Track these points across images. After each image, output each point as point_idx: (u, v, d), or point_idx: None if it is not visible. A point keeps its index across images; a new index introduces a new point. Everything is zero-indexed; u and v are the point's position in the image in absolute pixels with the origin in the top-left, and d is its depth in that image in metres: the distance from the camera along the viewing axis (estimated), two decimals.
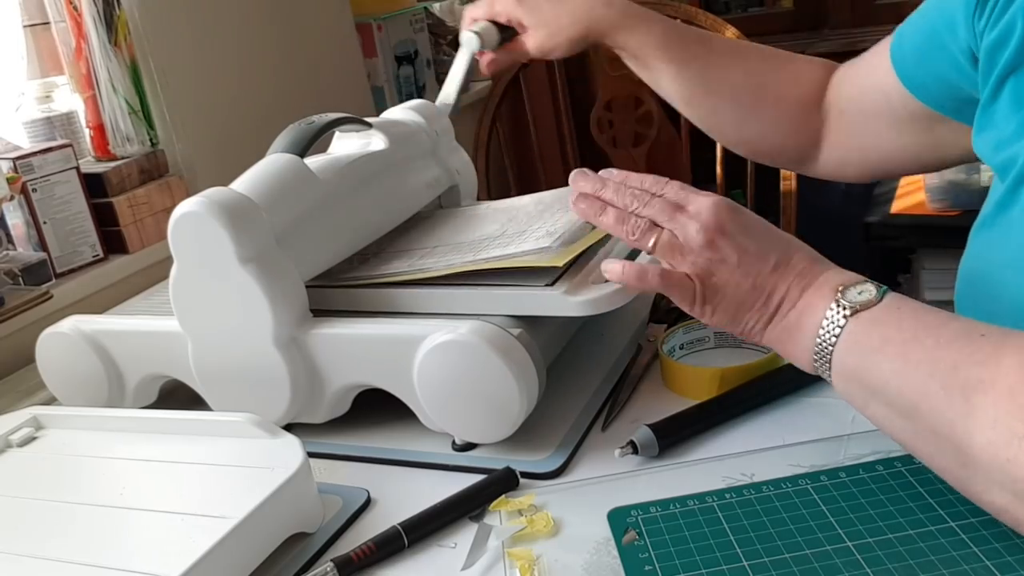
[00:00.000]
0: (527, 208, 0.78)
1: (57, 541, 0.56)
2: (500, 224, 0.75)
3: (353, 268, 0.74)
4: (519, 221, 0.75)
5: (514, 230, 0.73)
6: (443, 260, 0.70)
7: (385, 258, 0.75)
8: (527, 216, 0.75)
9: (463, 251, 0.71)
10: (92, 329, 0.76)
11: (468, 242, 0.73)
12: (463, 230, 0.78)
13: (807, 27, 2.38)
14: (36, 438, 0.71)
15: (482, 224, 0.77)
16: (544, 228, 0.70)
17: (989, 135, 0.61)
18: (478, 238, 0.73)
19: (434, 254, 0.73)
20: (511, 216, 0.77)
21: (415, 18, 1.82)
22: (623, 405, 0.69)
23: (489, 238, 0.72)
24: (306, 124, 0.77)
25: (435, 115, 0.91)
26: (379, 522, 0.59)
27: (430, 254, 0.73)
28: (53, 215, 1.07)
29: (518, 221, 0.75)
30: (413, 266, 0.71)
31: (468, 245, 0.72)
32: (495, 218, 0.78)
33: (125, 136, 1.19)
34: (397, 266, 0.72)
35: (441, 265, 0.69)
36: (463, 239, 0.75)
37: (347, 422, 0.70)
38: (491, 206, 0.85)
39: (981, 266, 0.63)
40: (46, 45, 1.20)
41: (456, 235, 0.77)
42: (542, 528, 0.55)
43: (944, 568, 0.47)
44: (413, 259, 0.73)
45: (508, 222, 0.75)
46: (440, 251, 0.73)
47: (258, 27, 1.41)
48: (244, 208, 0.66)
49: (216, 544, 0.50)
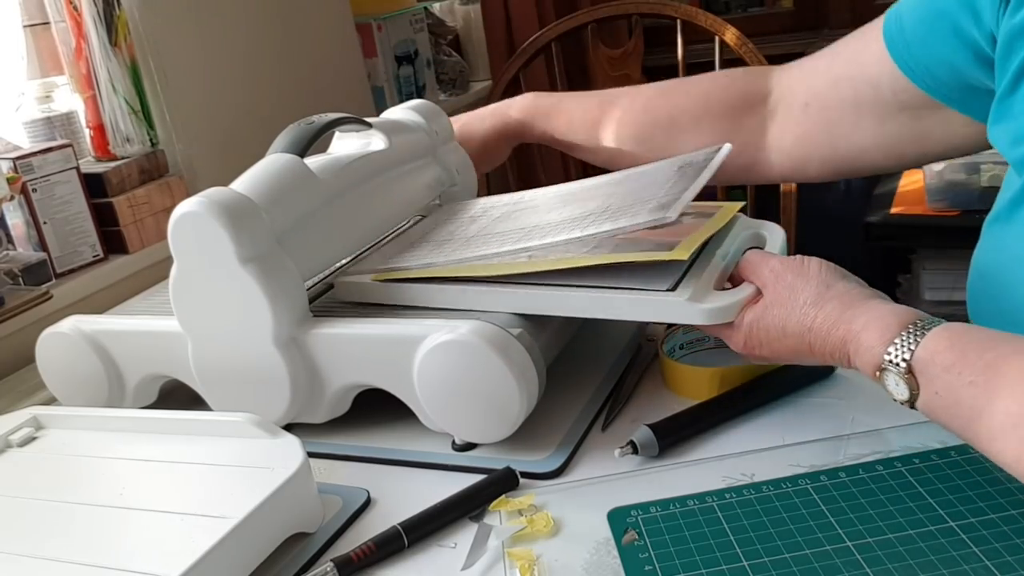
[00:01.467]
0: (620, 183, 0.74)
1: (57, 541, 0.56)
2: (601, 200, 0.70)
3: (429, 252, 0.69)
4: (619, 196, 0.70)
5: (619, 204, 0.67)
6: (548, 241, 0.64)
7: (472, 239, 0.69)
8: (625, 193, 0.70)
9: (564, 229, 0.65)
10: (92, 329, 0.76)
11: (570, 219, 0.67)
12: (558, 207, 0.72)
13: (807, 27, 2.38)
14: (36, 438, 0.71)
15: (581, 201, 0.72)
16: (655, 200, 0.64)
17: (1007, 127, 0.60)
18: (580, 215, 0.67)
19: (534, 235, 0.66)
20: (609, 193, 0.72)
21: (415, 18, 1.82)
22: (623, 405, 0.69)
23: (593, 213, 0.67)
24: (306, 124, 0.77)
25: (435, 114, 0.91)
26: (379, 522, 0.59)
27: (529, 235, 0.66)
28: (53, 215, 1.07)
29: (619, 196, 0.70)
30: (516, 255, 0.64)
31: (570, 223, 0.66)
32: (591, 195, 0.73)
33: (125, 136, 1.19)
34: (492, 247, 0.65)
35: (548, 250, 0.63)
36: (562, 216, 0.69)
37: (347, 422, 0.70)
38: (581, 184, 0.79)
39: (995, 259, 0.62)
40: (46, 45, 1.20)
41: (551, 212, 0.71)
42: (542, 528, 0.55)
43: (944, 568, 0.47)
44: (510, 242, 0.65)
45: (608, 197, 0.70)
46: (539, 232, 0.66)
47: (258, 27, 1.41)
48: (244, 208, 0.66)
49: (216, 544, 0.50)
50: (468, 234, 0.72)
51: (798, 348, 0.57)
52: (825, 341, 0.55)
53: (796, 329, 0.57)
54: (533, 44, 1.57)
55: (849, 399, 0.65)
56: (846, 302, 0.55)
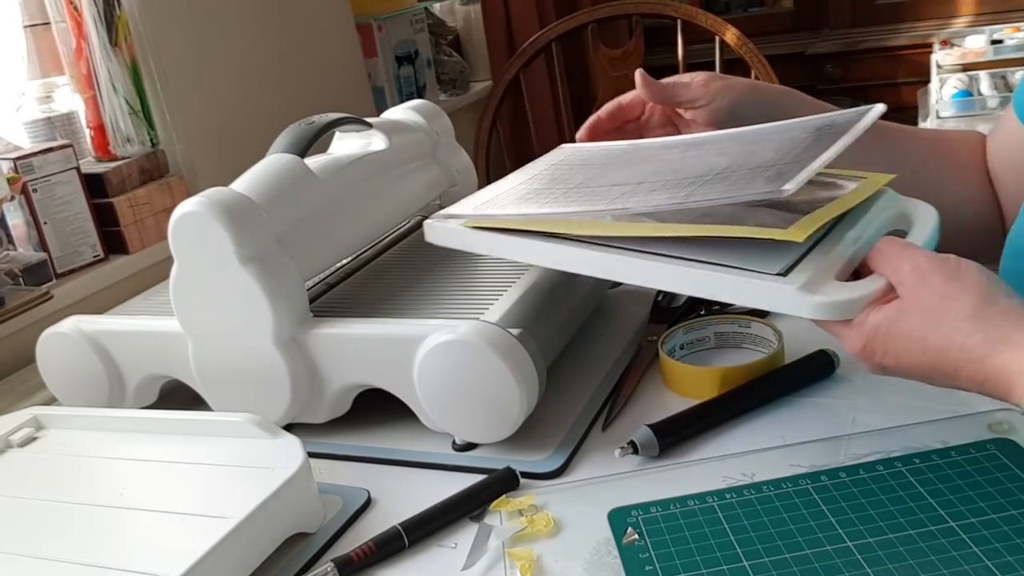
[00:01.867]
0: (745, 140, 0.65)
1: (57, 541, 0.56)
2: (718, 158, 0.62)
3: (527, 199, 0.62)
4: (740, 155, 0.61)
5: (736, 164, 0.59)
6: (652, 201, 0.56)
7: (575, 190, 0.62)
8: (747, 152, 0.62)
9: (671, 189, 0.57)
10: (92, 329, 0.76)
11: (679, 180, 0.59)
12: (672, 161, 0.65)
13: (807, 27, 2.38)
14: (36, 438, 0.71)
15: (697, 157, 0.64)
16: (776, 165, 0.56)
17: None
18: (691, 175, 0.59)
19: (639, 192, 0.58)
20: (729, 150, 0.64)
21: (415, 18, 1.83)
22: (623, 405, 0.69)
23: (705, 176, 0.59)
24: (306, 124, 0.77)
25: (435, 115, 0.91)
26: (379, 522, 0.59)
27: (633, 192, 0.58)
28: (53, 215, 1.07)
29: (740, 155, 0.62)
30: (617, 214, 0.57)
31: (677, 184, 0.58)
32: (710, 151, 0.64)
33: (125, 136, 1.19)
34: (593, 202, 0.58)
35: (646, 211, 0.56)
36: (674, 174, 0.61)
37: (347, 422, 0.70)
38: (704, 137, 0.71)
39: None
40: (46, 45, 1.20)
41: (663, 167, 0.63)
42: (542, 528, 0.55)
43: (945, 568, 0.47)
44: (612, 198, 0.58)
45: (727, 155, 0.62)
46: (645, 190, 0.59)
47: (258, 27, 1.41)
48: (244, 208, 0.66)
49: (216, 544, 0.50)
50: (573, 182, 0.65)
51: (937, 366, 0.50)
52: (980, 366, 0.48)
53: (941, 344, 0.49)
54: (533, 44, 1.57)
55: (849, 399, 0.65)
56: (1015, 324, 0.47)
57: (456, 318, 0.65)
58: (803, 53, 2.23)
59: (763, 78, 1.40)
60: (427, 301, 0.73)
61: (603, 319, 0.83)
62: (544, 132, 1.90)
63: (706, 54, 1.46)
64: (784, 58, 2.15)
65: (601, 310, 0.84)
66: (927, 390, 0.53)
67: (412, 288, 0.76)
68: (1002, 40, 1.75)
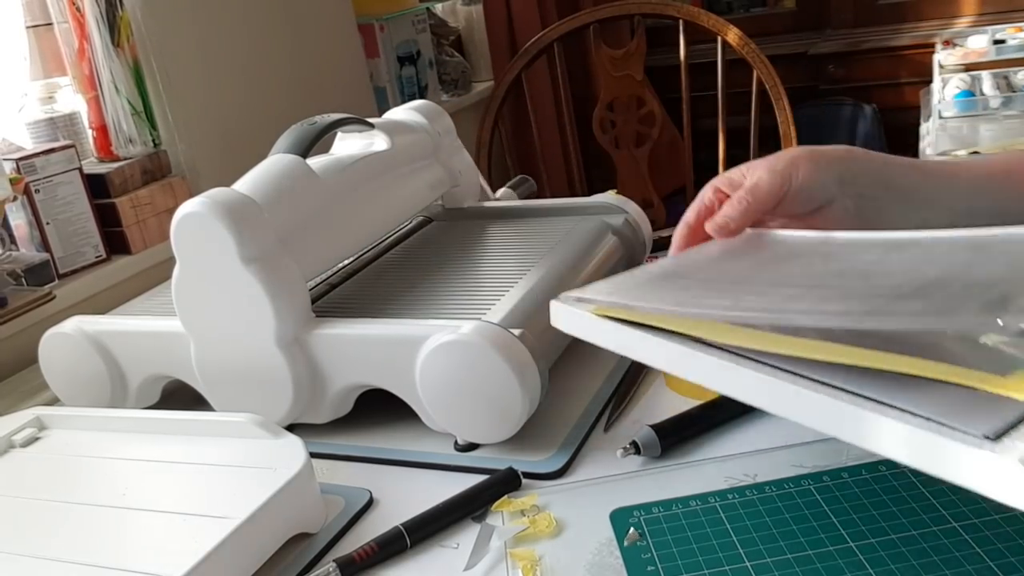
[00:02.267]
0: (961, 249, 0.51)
1: (59, 541, 0.56)
2: (922, 268, 0.49)
3: (668, 287, 0.53)
4: (950, 268, 0.48)
5: (940, 278, 0.46)
6: (822, 312, 0.45)
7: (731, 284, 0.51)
8: (959, 268, 0.48)
9: (853, 299, 0.46)
10: (95, 330, 0.76)
11: (866, 292, 0.47)
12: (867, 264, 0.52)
13: (809, 27, 2.38)
14: (39, 438, 0.71)
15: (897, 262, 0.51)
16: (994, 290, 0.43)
17: None
18: (883, 285, 0.47)
19: (808, 297, 0.47)
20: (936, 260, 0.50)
21: (417, 18, 1.83)
22: (625, 405, 0.69)
23: (897, 289, 0.46)
24: (308, 124, 0.77)
25: (437, 115, 0.91)
26: (381, 522, 0.59)
27: (802, 296, 0.47)
28: (56, 216, 1.08)
29: (950, 268, 0.48)
30: (772, 313, 0.46)
31: (862, 294, 0.47)
32: (915, 259, 0.52)
33: (128, 137, 1.19)
34: (748, 301, 0.47)
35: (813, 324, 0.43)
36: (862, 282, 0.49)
37: (349, 422, 0.70)
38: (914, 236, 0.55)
39: None
40: (49, 46, 1.20)
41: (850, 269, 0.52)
42: (544, 528, 0.55)
43: (947, 569, 0.47)
44: (772, 298, 0.48)
45: (933, 265, 0.49)
46: (819, 295, 0.47)
47: (260, 27, 1.42)
48: (246, 209, 0.66)
49: (218, 544, 0.50)
50: (735, 272, 0.54)
51: None
52: None
53: None
54: (535, 44, 1.57)
55: None
56: None
57: (458, 318, 0.65)
58: (805, 53, 2.23)
59: (765, 78, 1.40)
60: (429, 301, 0.73)
61: None
62: (546, 132, 1.90)
63: (708, 54, 1.46)
64: (786, 58, 2.15)
65: None
66: None
67: (414, 288, 0.76)
68: (1004, 40, 1.74)
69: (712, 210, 0.62)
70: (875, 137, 2.13)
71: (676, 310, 0.48)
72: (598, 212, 0.88)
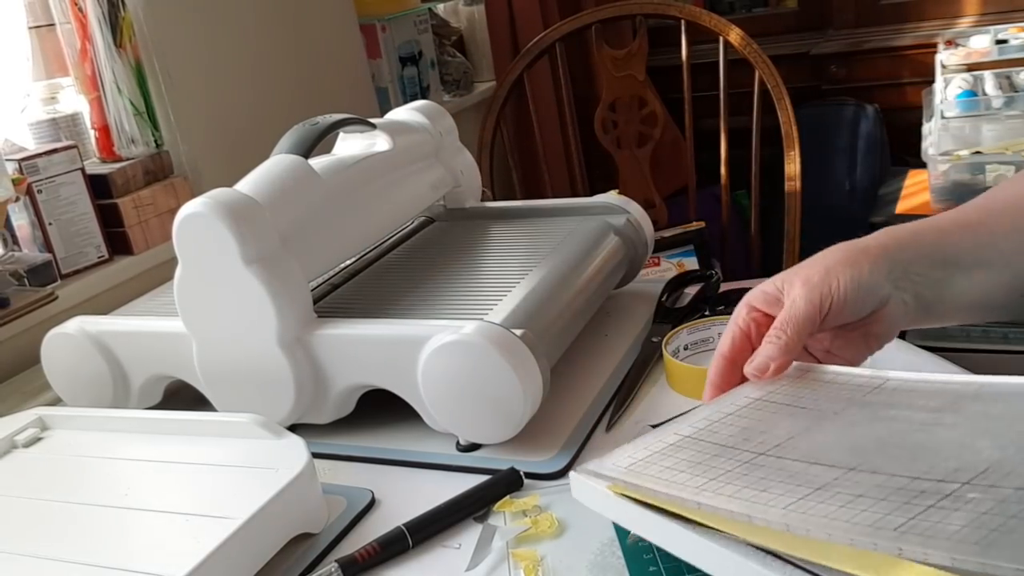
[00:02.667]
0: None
1: (62, 541, 0.56)
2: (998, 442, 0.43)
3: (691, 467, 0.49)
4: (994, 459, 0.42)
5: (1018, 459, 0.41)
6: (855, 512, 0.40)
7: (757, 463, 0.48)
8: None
9: (894, 496, 0.41)
10: (97, 330, 0.76)
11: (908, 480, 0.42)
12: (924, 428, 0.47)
13: (811, 27, 2.37)
14: (41, 439, 0.71)
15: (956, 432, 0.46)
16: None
17: None
18: (926, 472, 0.42)
19: (844, 484, 0.43)
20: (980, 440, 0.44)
21: (419, 19, 1.82)
22: (627, 406, 0.69)
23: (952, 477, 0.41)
24: (310, 125, 0.77)
25: (439, 115, 0.91)
26: (383, 523, 0.59)
27: (838, 483, 0.43)
28: (58, 216, 1.08)
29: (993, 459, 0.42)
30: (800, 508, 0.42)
31: (904, 486, 0.42)
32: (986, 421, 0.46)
33: (130, 137, 1.19)
34: (775, 492, 0.44)
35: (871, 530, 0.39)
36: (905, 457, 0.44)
37: (351, 423, 0.70)
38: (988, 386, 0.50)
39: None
40: (51, 47, 1.20)
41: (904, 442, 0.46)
42: (546, 529, 0.55)
43: None
44: (802, 485, 0.44)
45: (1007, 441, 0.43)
46: (853, 482, 0.43)
47: (262, 28, 1.42)
48: (248, 209, 0.66)
49: (221, 545, 0.50)
50: (766, 442, 0.50)
51: None
52: None
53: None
54: (537, 44, 1.57)
55: None
56: None
57: (460, 319, 0.65)
58: (807, 53, 2.23)
59: (767, 79, 1.40)
60: (431, 302, 0.73)
61: (607, 320, 0.83)
62: (547, 132, 1.90)
63: (710, 55, 1.46)
64: (788, 58, 2.15)
65: (605, 311, 0.84)
66: None
67: (416, 289, 0.76)
68: (1007, 40, 1.74)
69: (748, 335, 0.57)
70: (877, 137, 2.13)
71: (694, 500, 0.46)
72: (600, 212, 0.88)
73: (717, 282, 0.84)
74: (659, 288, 0.85)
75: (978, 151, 1.49)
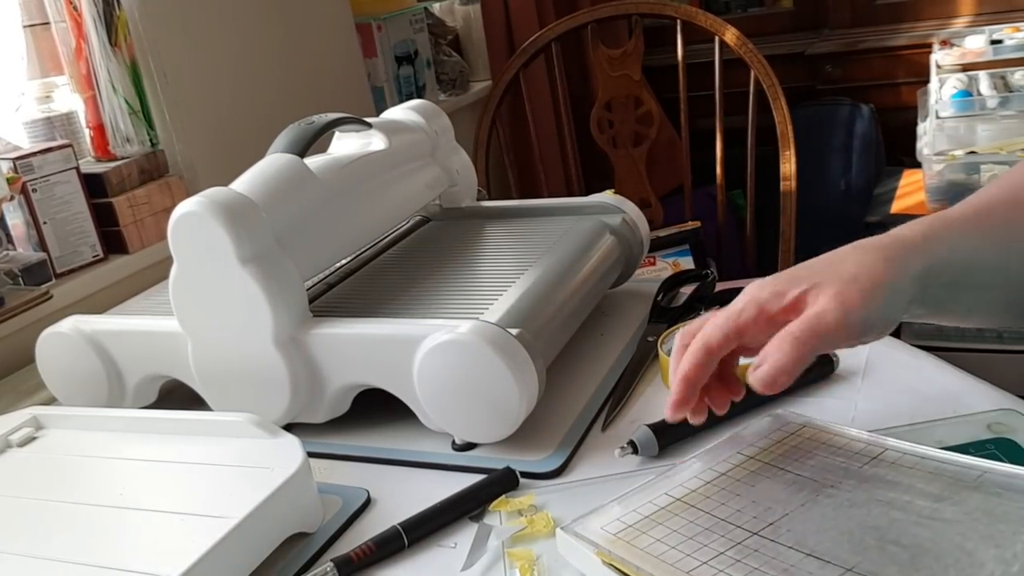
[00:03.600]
0: None
1: (56, 541, 0.56)
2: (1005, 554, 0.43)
3: (683, 540, 0.48)
4: None
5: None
6: None
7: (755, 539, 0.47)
8: None
9: None
10: (92, 329, 0.76)
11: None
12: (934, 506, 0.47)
13: (807, 27, 2.38)
14: (36, 438, 0.71)
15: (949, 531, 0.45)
16: None
17: None
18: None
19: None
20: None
21: (415, 18, 1.82)
22: (623, 405, 0.69)
23: None
24: (306, 124, 0.77)
25: (434, 114, 0.91)
26: (379, 522, 0.59)
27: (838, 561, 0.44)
28: (53, 215, 1.07)
29: None
30: None
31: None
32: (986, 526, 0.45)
33: (125, 136, 1.19)
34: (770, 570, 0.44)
35: None
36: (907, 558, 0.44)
37: (347, 422, 0.70)
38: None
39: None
40: (46, 45, 1.20)
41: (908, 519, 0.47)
42: (542, 528, 0.55)
43: None
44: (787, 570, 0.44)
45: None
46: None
47: (258, 27, 1.41)
48: (244, 208, 0.66)
49: (216, 544, 0.50)
50: (754, 527, 0.49)
51: None
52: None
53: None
54: (533, 44, 1.57)
55: (849, 399, 0.65)
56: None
57: (456, 318, 0.65)
58: (803, 53, 2.23)
59: (762, 78, 1.40)
60: (427, 301, 0.73)
61: (603, 319, 0.83)
62: (543, 132, 1.90)
63: (706, 54, 1.46)
64: (784, 58, 2.15)
65: (601, 310, 0.84)
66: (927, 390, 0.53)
67: (412, 288, 0.76)
68: (1002, 40, 1.75)
69: (742, 333, 0.51)
70: (872, 137, 2.13)
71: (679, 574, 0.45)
72: (595, 212, 0.88)
73: (712, 282, 0.85)
74: (655, 287, 0.86)
75: (973, 151, 1.49)
